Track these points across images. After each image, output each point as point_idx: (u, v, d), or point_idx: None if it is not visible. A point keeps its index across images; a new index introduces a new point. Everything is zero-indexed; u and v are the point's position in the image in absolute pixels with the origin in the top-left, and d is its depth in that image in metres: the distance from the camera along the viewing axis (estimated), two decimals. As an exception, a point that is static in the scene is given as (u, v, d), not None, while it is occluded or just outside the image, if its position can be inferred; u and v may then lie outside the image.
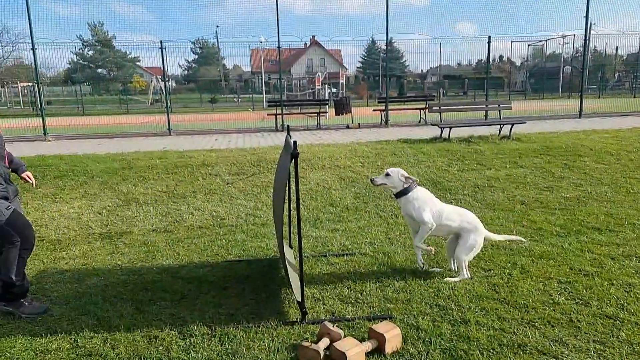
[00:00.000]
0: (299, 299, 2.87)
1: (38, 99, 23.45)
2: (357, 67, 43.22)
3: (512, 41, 27.39)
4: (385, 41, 13.79)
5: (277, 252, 4.15)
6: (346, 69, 34.07)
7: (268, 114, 13.96)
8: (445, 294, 3.19)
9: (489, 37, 13.99)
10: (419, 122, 13.76)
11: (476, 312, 2.93)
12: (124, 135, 12.43)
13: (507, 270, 3.55)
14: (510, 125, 9.38)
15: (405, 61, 42.95)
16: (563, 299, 3.07)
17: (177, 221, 5.22)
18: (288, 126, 3.88)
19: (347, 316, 2.93)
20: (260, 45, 25.42)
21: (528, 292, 3.17)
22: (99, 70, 45.64)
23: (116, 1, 68.05)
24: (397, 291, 3.25)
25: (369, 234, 4.55)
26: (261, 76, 32.64)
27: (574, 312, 2.88)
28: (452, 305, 3.02)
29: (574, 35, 28.55)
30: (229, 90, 38.22)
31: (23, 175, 3.57)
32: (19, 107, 30.56)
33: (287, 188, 2.82)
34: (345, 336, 2.57)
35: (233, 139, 10.77)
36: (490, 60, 14.97)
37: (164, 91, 29.23)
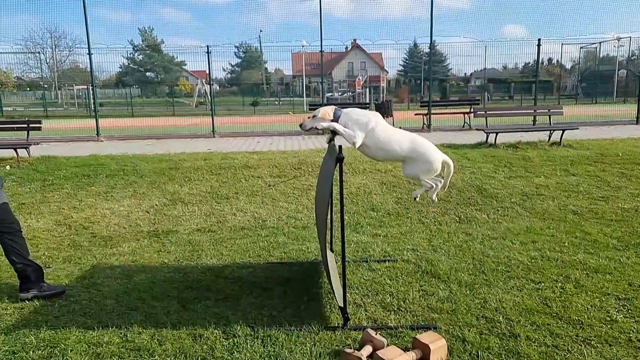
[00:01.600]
0: (341, 305, 2.85)
1: (92, 101, 24.74)
2: (398, 71, 42.82)
3: (562, 43, 26.26)
4: (428, 44, 13.56)
5: (317, 256, 4.15)
6: (387, 72, 33.84)
7: (308, 117, 14.05)
8: (492, 305, 3.08)
9: (539, 40, 13.47)
10: (463, 126, 13.43)
11: (526, 326, 2.80)
12: (171, 136, 12.86)
13: (560, 284, 3.38)
14: (561, 131, 8.98)
15: (448, 64, 42.15)
16: (621, 316, 2.88)
17: (220, 221, 5.32)
18: (332, 131, 3.87)
19: (389, 324, 2.88)
20: (302, 49, 25.68)
21: (583, 308, 3.00)
22: (147, 73, 47.61)
23: (165, 7, 70.76)
24: (441, 301, 3.17)
25: (411, 241, 4.46)
26: (302, 79, 32.95)
27: (633, 331, 2.70)
28: (500, 317, 2.91)
29: (630, 37, 27.06)
30: (270, 94, 38.85)
31: None
32: (74, 109, 32.28)
33: (331, 192, 2.81)
34: (388, 345, 2.53)
35: (274, 141, 10.92)
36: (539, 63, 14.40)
37: (208, 94, 30.07)
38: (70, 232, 5.07)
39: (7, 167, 7.71)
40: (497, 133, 8.98)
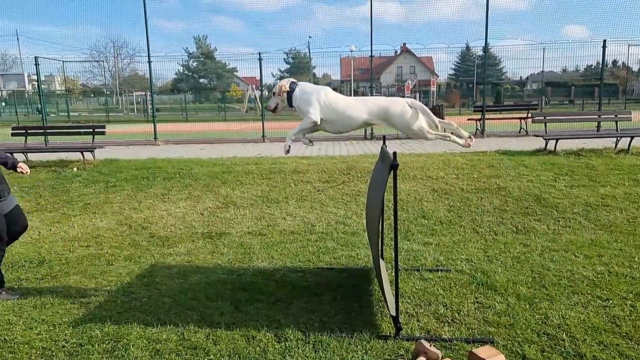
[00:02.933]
0: (394, 314, 2.80)
1: (150, 107, 25.99)
2: (449, 74, 41.78)
3: (629, 45, 24.59)
4: (482, 47, 13.14)
5: (367, 262, 4.12)
6: (437, 76, 33.14)
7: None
8: (554, 322, 2.91)
9: (604, 41, 12.68)
10: (519, 132, 12.88)
11: (592, 345, 2.63)
12: (223, 141, 13.25)
13: (629, 302, 3.15)
14: (629, 138, 8.39)
15: (502, 67, 40.67)
16: (703, 341, 2.64)
17: (270, 225, 5.41)
18: (384, 136, 3.84)
19: (444, 336, 2.80)
20: (351, 54, 25.70)
21: (657, 330, 2.78)
22: (201, 80, 49.47)
23: (218, 16, 73.28)
24: (498, 314, 3.04)
25: (465, 250, 4.32)
26: (350, 84, 32.97)
27: None
28: (564, 335, 2.75)
29: None
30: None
31: (18, 168, 3.82)
32: (133, 114, 34.03)
33: (383, 199, 2.78)
34: (442, 357, 2.46)
35: (323, 146, 10.97)
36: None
37: (258, 100, 30.73)
38: (131, 232, 5.34)
39: (75, 169, 8.24)
40: (557, 139, 8.53)
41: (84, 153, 8.71)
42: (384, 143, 3.58)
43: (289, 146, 3.17)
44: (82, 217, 5.92)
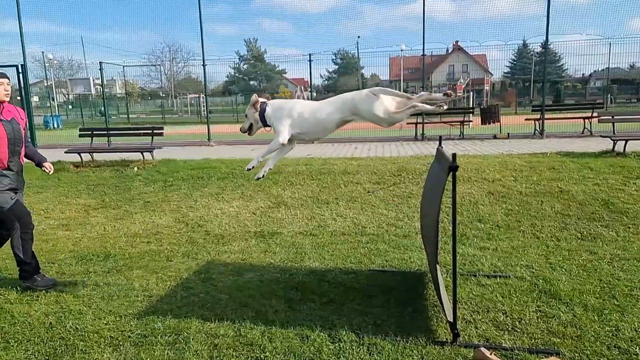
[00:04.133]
0: (451, 319, 2.72)
1: (204, 109, 26.91)
2: (504, 73, 40.14)
3: None
4: (541, 43, 12.55)
5: (421, 266, 4.04)
6: (491, 74, 31.96)
7: (407, 123, 13.79)
8: (627, 335, 2.72)
9: (679, 33, 11.69)
10: (582, 132, 12.17)
11: (672, 364, 2.43)
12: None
13: None
14: None
15: (562, 64, 38.62)
16: None
17: (321, 226, 5.44)
18: (440, 137, 3.75)
19: (504, 344, 2.68)
20: (400, 54, 25.37)
21: None
22: (251, 82, 50.65)
23: (267, 19, 74.76)
24: (563, 324, 2.88)
25: (525, 256, 4.13)
26: (399, 84, 32.57)
27: None
28: (637, 349, 2.56)
29: None
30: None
31: (44, 166, 4.03)
32: (187, 116, 35.45)
33: (440, 202, 2.71)
34: (504, 367, 2.36)
35: (372, 147, 10.91)
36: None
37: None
38: (188, 229, 5.54)
39: (135, 169, 8.69)
40: (626, 140, 7.97)
41: (144, 153, 9.17)
42: (440, 144, 3.49)
43: (252, 166, 3.25)
44: (142, 215, 6.22)
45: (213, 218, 5.92)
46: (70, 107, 36.68)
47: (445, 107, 2.93)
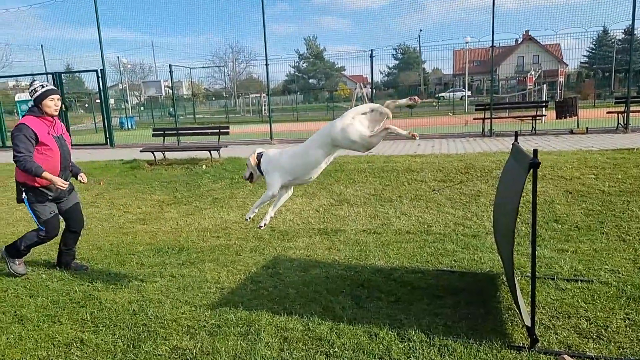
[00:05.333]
0: (528, 324, 2.59)
1: (265, 108, 27.57)
2: (581, 63, 37.28)
3: None
4: (625, 29, 11.53)
5: (492, 267, 3.87)
6: (566, 65, 29.83)
7: (474, 118, 13.27)
8: None
9: None
10: (673, 126, 11.05)
11: None
12: (333, 139, 13.53)
13: None
14: None
15: (651, 52, 35.26)
16: None
17: (385, 224, 5.38)
18: (516, 132, 3.57)
19: (589, 353, 2.51)
20: (465, 46, 24.46)
21: None
22: (310, 80, 51.24)
23: (325, 16, 75.01)
24: (657, 335, 2.64)
25: (610, 260, 3.83)
26: (463, 78, 31.43)
27: None
28: None
29: None
30: (427, 95, 38.04)
31: (79, 177, 4.23)
32: (249, 115, 36.52)
33: (519, 201, 2.58)
34: (590, 378, 2.21)
35: (436, 144, 10.61)
36: None
37: (366, 98, 30.84)
38: (254, 225, 5.70)
39: (204, 167, 9.10)
40: None
41: (212, 152, 9.57)
42: (516, 139, 3.33)
43: (250, 217, 3.48)
44: (212, 210, 6.50)
45: (278, 214, 6.04)
46: (142, 108, 39.08)
47: (417, 137, 2.82)
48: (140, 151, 10.15)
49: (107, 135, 14.24)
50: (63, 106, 14.20)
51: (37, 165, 3.72)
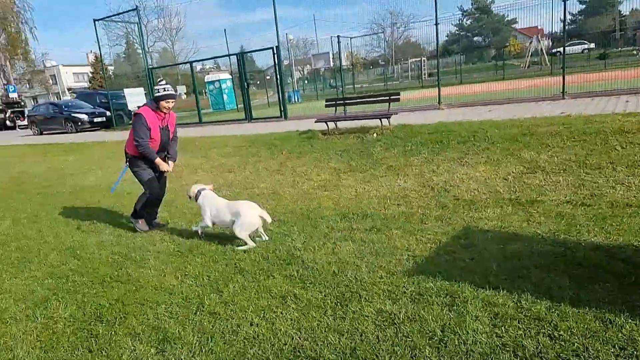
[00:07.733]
0: None
1: (424, 73, 26.47)
2: None
3: None
4: None
5: None
6: None
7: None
8: None
9: None
10: None
11: None
12: (510, 101, 12.25)
13: None
14: None
15: None
16: None
17: (594, 195, 4.63)
18: None
19: None
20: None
21: None
22: (475, 38, 47.22)
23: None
24: None
25: None
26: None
27: None
28: None
29: None
30: (624, 42, 31.56)
31: (169, 162, 5.08)
32: (407, 81, 35.60)
33: None
34: None
35: (648, 99, 8.70)
36: None
37: (544, 51, 27.13)
38: (434, 194, 5.52)
39: (375, 135, 9.16)
40: None
41: (382, 120, 9.56)
42: None
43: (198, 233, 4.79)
44: (387, 178, 6.51)
45: (459, 182, 5.74)
46: (305, 82, 41.44)
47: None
48: (315, 122, 10.72)
49: (282, 109, 15.44)
50: (245, 84, 15.91)
51: (153, 152, 4.82)
